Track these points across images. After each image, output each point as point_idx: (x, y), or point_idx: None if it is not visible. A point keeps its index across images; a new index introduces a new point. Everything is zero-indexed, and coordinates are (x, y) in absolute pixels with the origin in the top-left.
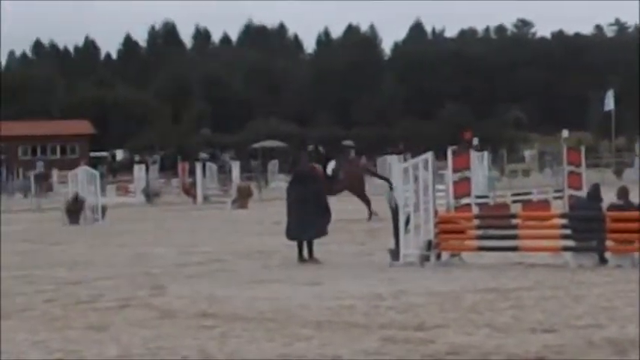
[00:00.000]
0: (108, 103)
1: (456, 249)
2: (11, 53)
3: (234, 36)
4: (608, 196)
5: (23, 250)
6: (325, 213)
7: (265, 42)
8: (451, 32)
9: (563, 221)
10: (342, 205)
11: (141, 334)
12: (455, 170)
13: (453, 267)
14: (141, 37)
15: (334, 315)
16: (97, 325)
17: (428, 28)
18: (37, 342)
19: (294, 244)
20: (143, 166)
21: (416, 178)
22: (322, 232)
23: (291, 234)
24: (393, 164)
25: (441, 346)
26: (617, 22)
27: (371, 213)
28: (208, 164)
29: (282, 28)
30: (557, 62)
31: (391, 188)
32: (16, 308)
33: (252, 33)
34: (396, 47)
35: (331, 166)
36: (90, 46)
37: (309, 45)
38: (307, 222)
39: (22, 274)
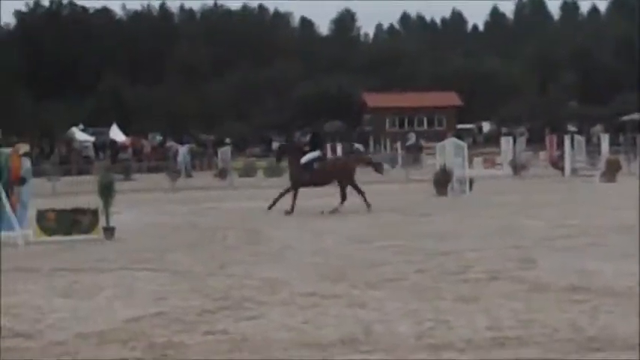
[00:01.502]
0: (474, 74)
1: None
2: (379, 26)
3: (602, 6)
4: None
5: (392, 221)
6: None
7: (633, 13)
8: None
9: None
10: None
11: (511, 306)
12: None
13: None
14: (508, 9)
15: None
16: (467, 296)
17: None
18: (408, 312)
19: None
20: (510, 139)
21: None
22: None
23: None
24: None
25: None
26: None
27: None
28: (577, 137)
29: None
30: None
31: None
32: (385, 278)
33: (621, 4)
34: None
35: None
36: (457, 18)
37: None
38: None
39: (391, 244)
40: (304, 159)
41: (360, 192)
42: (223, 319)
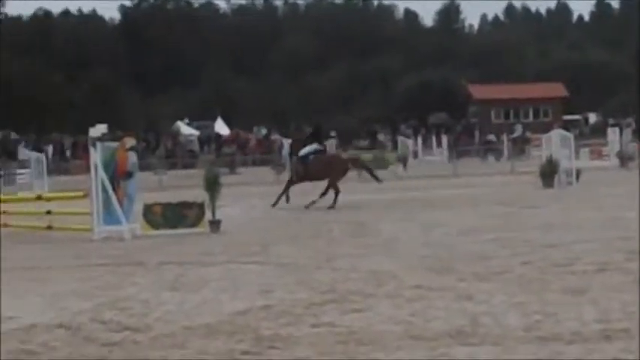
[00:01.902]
0: (580, 65)
1: None
2: (484, 17)
3: None
4: None
5: (499, 213)
6: None
7: None
8: None
9: None
10: None
11: (619, 298)
12: None
13: None
14: None
15: None
16: (574, 288)
17: None
18: (515, 304)
19: None
20: (617, 130)
21: None
22: None
23: None
24: None
25: None
26: None
27: None
28: None
29: None
30: None
31: None
32: (492, 270)
33: None
34: None
35: None
36: (562, 9)
37: None
38: None
39: (498, 236)
40: (301, 152)
41: (336, 192)
42: (330, 311)
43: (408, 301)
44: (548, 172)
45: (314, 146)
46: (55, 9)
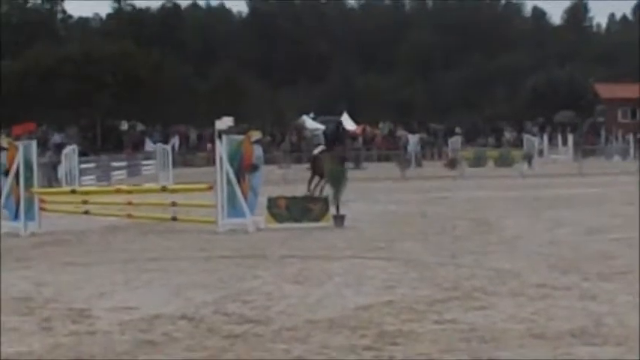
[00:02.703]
0: None
1: None
2: (611, 16)
3: None
4: None
5: (626, 213)
6: None
7: None
8: None
9: None
10: None
11: None
12: None
13: None
14: None
15: None
16: None
17: None
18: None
19: None
20: None
21: None
22: None
23: None
24: None
25: None
26: None
27: None
28: None
29: None
30: None
31: None
32: (617, 270)
33: None
34: None
35: None
36: None
37: None
38: None
39: (624, 236)
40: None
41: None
42: (453, 308)
43: (530, 300)
44: None
45: (320, 147)
46: (183, 2)
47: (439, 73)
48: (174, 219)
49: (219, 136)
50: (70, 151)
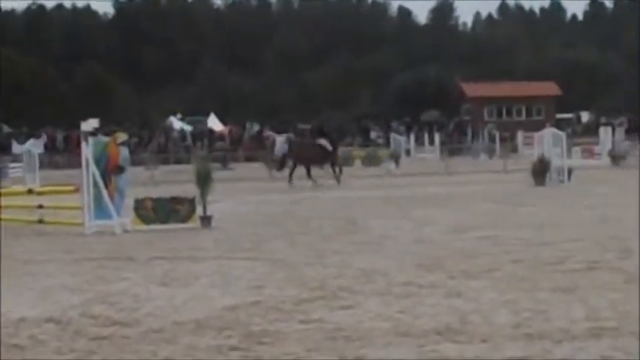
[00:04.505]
0: (573, 64)
1: None
2: (477, 15)
3: None
4: None
5: (490, 210)
6: None
7: None
8: None
9: None
10: None
11: (609, 296)
12: None
13: None
14: None
15: None
16: (564, 286)
17: None
18: (505, 302)
19: None
20: (609, 129)
21: None
22: None
23: None
24: None
25: None
26: None
27: None
28: None
29: None
30: None
31: None
32: (483, 268)
33: None
34: None
35: None
36: (556, 8)
37: None
38: None
39: (489, 234)
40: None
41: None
42: (319, 308)
43: (397, 298)
44: (540, 171)
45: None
46: (49, 3)
47: (307, 73)
48: (40, 221)
49: (85, 138)
50: None
